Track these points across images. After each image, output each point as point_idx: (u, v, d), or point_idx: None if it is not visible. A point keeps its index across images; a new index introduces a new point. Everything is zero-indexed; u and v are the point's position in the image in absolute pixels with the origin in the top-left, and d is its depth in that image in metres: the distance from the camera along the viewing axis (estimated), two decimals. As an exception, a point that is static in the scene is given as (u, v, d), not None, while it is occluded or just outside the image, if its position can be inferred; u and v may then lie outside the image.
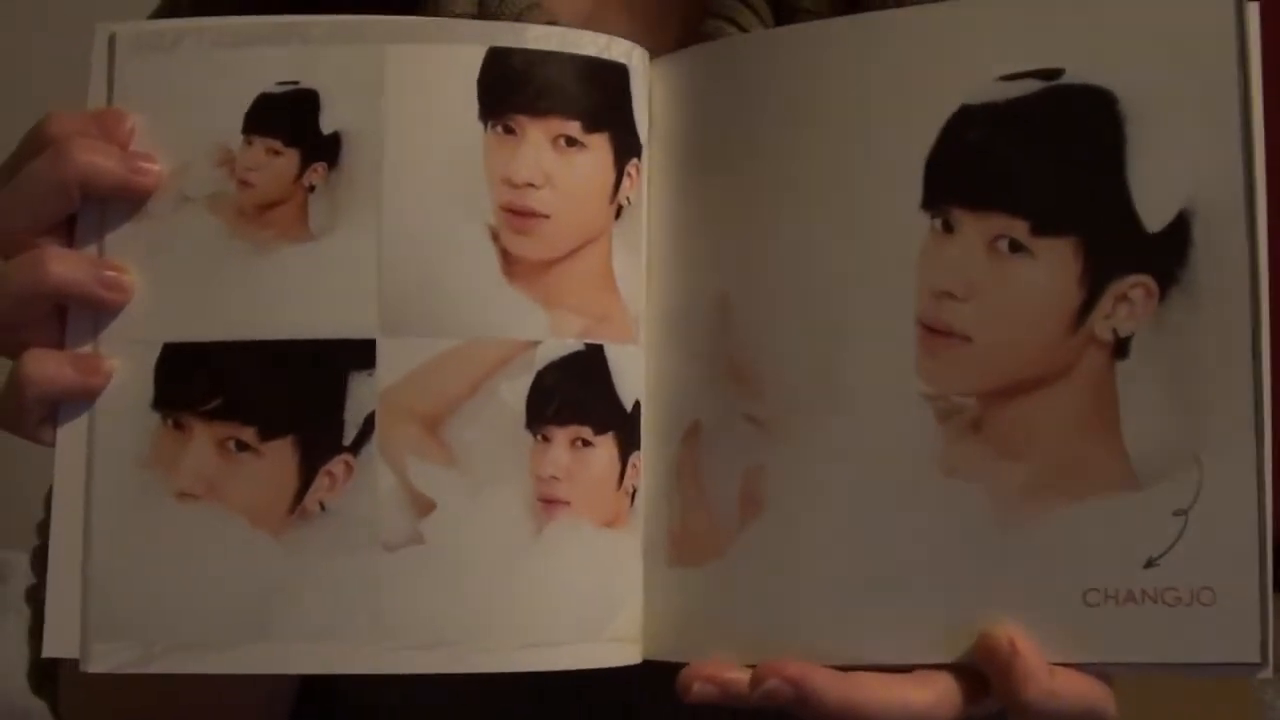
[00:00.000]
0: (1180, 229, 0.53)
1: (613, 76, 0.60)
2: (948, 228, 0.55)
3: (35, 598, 0.69)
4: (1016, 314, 0.54)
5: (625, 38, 0.61)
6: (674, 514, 0.59)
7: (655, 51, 0.62)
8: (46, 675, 0.73)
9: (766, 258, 0.58)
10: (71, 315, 0.58)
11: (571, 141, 0.59)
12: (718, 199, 0.59)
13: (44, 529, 0.61)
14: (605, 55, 0.59)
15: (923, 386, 0.55)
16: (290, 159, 0.59)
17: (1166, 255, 0.53)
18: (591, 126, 0.59)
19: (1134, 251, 0.53)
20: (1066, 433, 0.54)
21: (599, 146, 0.59)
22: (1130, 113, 0.54)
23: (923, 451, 0.55)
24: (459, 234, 0.58)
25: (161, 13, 0.76)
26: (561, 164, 0.58)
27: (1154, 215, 0.53)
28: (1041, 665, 0.52)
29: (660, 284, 0.60)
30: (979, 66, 0.55)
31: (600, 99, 0.59)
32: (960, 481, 0.54)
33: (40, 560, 0.67)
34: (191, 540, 0.57)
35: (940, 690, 0.53)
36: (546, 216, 0.58)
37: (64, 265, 0.57)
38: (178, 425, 0.58)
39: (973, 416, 0.55)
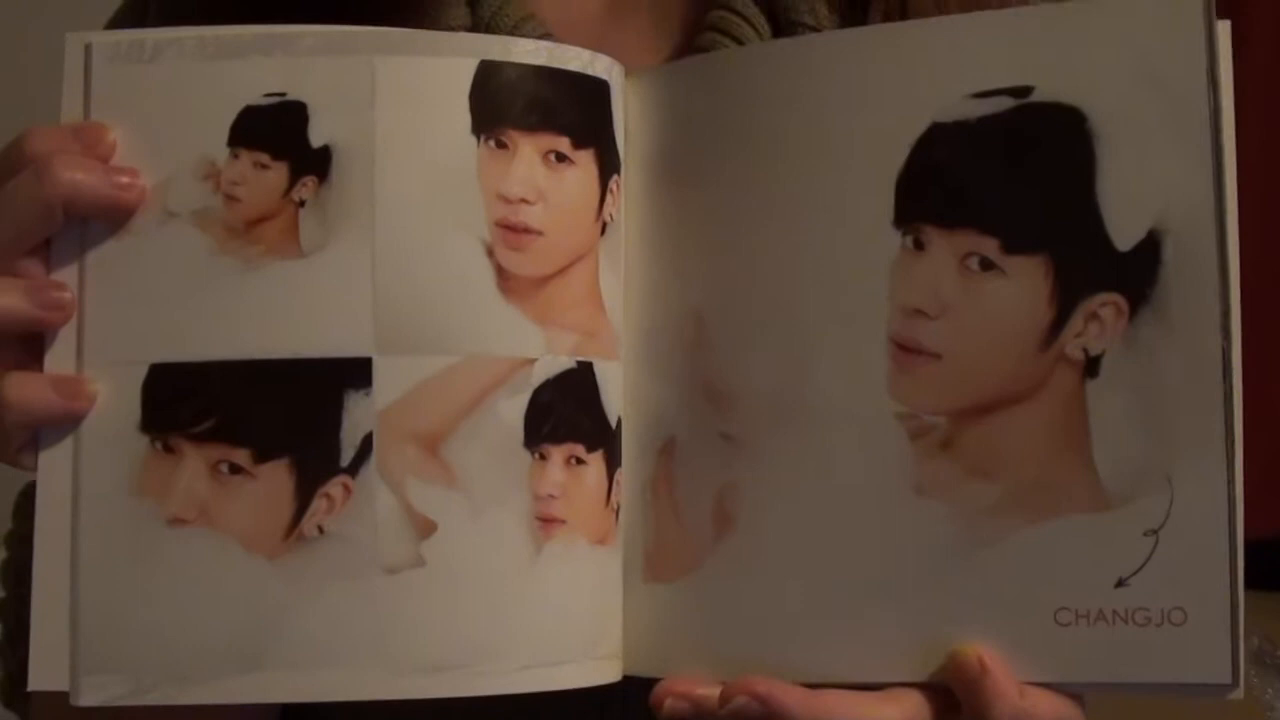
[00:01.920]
0: (1150, 247, 0.53)
1: (597, 92, 0.59)
2: (919, 245, 0.55)
3: (3, 614, 0.68)
4: (987, 332, 0.54)
5: (626, 49, 0.60)
6: (649, 530, 0.59)
7: (655, 63, 0.61)
8: (16, 688, 0.70)
9: (739, 276, 0.58)
10: (51, 336, 0.56)
11: (561, 157, 0.58)
12: (691, 216, 0.60)
13: (10, 540, 0.59)
14: (589, 71, 0.59)
15: (894, 405, 0.55)
16: (279, 172, 0.57)
17: (1137, 274, 0.53)
18: (579, 142, 0.58)
19: (1104, 270, 0.53)
20: (1037, 452, 0.53)
21: (586, 163, 0.58)
22: (1100, 131, 0.53)
23: (894, 470, 0.55)
24: (454, 250, 0.57)
25: (124, 18, 0.74)
26: (553, 180, 0.58)
27: (1124, 234, 0.53)
28: (1011, 684, 0.53)
29: (636, 301, 0.60)
30: (950, 84, 0.55)
31: (586, 115, 0.59)
32: (931, 501, 0.54)
33: (6, 575, 0.66)
34: (184, 567, 0.55)
35: (910, 708, 0.53)
36: (540, 233, 0.57)
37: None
38: (167, 448, 0.56)
39: (943, 435, 0.55)
